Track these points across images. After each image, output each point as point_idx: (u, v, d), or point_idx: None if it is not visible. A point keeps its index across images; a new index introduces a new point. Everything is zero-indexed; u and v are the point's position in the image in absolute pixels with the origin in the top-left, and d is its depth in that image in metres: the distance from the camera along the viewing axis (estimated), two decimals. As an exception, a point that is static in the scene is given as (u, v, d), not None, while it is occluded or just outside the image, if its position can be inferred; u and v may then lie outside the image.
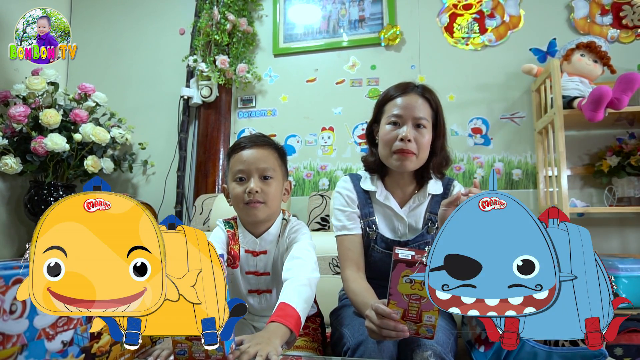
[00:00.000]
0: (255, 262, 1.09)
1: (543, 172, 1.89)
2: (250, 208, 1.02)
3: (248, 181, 1.02)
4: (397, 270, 0.76)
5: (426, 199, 1.12)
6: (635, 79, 1.55)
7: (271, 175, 1.04)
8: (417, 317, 0.79)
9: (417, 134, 1.04)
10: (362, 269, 1.10)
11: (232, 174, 1.05)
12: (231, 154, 1.08)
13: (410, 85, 1.10)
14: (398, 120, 1.05)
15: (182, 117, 2.35)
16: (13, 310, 0.57)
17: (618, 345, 1.46)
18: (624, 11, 1.94)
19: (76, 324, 0.68)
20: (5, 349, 0.55)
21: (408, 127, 1.04)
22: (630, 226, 1.84)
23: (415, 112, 1.04)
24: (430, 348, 0.85)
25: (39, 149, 1.87)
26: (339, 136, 2.20)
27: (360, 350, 0.88)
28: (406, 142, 1.03)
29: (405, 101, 1.06)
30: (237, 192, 1.03)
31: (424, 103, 1.07)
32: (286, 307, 0.86)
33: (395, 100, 1.08)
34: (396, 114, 1.05)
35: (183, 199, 2.30)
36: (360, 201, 1.14)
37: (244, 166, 1.03)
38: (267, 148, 1.06)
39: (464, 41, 2.11)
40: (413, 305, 0.78)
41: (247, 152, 1.04)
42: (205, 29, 2.27)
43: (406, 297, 0.77)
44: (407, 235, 1.12)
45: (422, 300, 0.77)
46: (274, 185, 1.04)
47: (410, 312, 0.78)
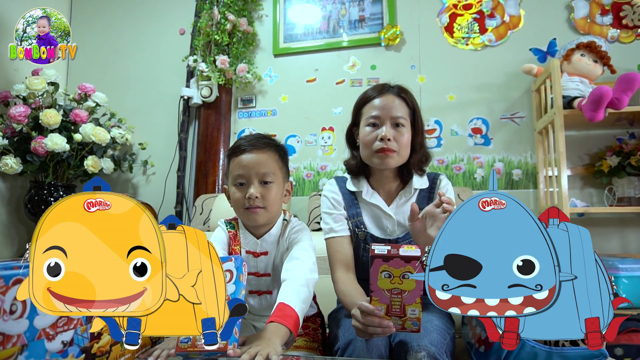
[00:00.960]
0: (256, 263, 1.09)
1: (543, 172, 1.89)
2: (251, 213, 1.02)
3: (248, 186, 1.01)
4: (375, 266, 0.77)
5: (413, 195, 1.13)
6: (635, 79, 1.55)
7: (271, 179, 1.03)
8: (401, 312, 0.79)
9: (396, 133, 1.06)
10: (351, 270, 1.10)
11: (232, 177, 1.05)
12: (231, 157, 1.07)
13: (386, 86, 1.12)
14: (376, 122, 1.07)
15: (182, 117, 2.35)
16: (13, 310, 0.57)
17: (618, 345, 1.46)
18: (624, 11, 1.94)
19: (76, 324, 0.68)
20: (5, 349, 0.55)
21: (387, 126, 1.06)
22: (630, 226, 1.84)
23: (392, 111, 1.07)
24: (424, 349, 0.85)
25: (39, 149, 1.87)
26: (339, 136, 2.20)
27: (350, 349, 0.89)
28: (386, 141, 1.05)
29: (382, 102, 1.08)
30: (237, 197, 1.03)
31: (400, 103, 1.09)
32: (285, 308, 0.86)
33: (372, 102, 1.10)
34: (374, 115, 1.07)
35: (183, 199, 2.30)
36: (347, 202, 1.15)
37: (243, 171, 1.02)
38: (268, 151, 1.05)
39: (464, 41, 2.11)
40: (395, 299, 0.79)
41: (247, 156, 1.03)
42: (205, 29, 2.27)
43: (387, 292, 0.78)
44: (396, 232, 1.12)
45: (403, 294, 0.78)
46: (274, 190, 1.04)
47: (394, 307, 0.79)
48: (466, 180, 2.02)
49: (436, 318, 1.00)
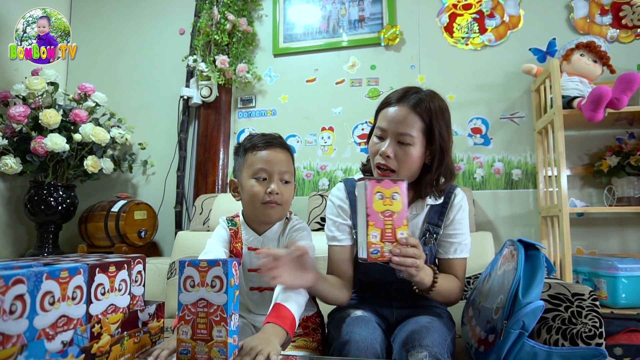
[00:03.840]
0: (258, 260, 1.09)
1: (543, 172, 1.89)
2: (267, 207, 1.04)
3: (269, 182, 1.04)
4: (370, 188, 0.85)
5: (424, 210, 1.09)
6: (634, 79, 1.55)
7: (289, 179, 1.07)
8: (393, 236, 0.86)
9: (399, 150, 1.00)
10: (346, 279, 1.09)
11: (251, 171, 1.05)
12: (250, 150, 1.07)
13: (408, 94, 1.03)
14: (382, 134, 1.03)
15: (182, 117, 2.34)
16: (13, 310, 0.57)
17: (618, 345, 1.47)
18: (623, 11, 1.94)
19: (76, 324, 0.68)
20: (5, 349, 0.55)
21: (389, 142, 1.00)
22: (630, 226, 1.84)
23: (399, 127, 0.99)
24: (426, 349, 0.85)
25: (39, 149, 1.87)
26: (339, 136, 2.20)
27: (347, 349, 0.89)
28: (384, 157, 1.00)
29: (394, 114, 1.01)
30: (256, 191, 1.04)
31: (413, 118, 0.99)
32: (281, 308, 0.87)
33: (386, 109, 1.04)
34: (382, 126, 1.03)
35: (183, 199, 2.30)
36: (353, 208, 1.11)
37: (267, 166, 1.04)
38: (286, 152, 1.09)
39: (463, 41, 2.11)
40: (387, 223, 0.85)
41: (270, 152, 1.05)
42: (205, 29, 2.27)
43: (381, 216, 0.85)
44: None
45: (393, 216, 0.85)
46: (290, 189, 1.08)
47: (386, 231, 0.85)
48: (466, 180, 2.02)
49: (437, 319, 1.00)
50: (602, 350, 0.85)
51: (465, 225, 1.10)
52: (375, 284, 1.15)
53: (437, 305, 1.15)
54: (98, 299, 0.73)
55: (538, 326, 0.99)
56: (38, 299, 0.61)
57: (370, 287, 1.16)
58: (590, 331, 0.94)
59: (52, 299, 0.63)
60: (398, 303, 1.14)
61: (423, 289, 0.98)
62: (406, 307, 1.13)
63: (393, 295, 1.14)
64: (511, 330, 0.85)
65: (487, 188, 2.01)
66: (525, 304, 0.84)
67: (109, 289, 0.76)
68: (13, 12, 2.12)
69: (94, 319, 0.72)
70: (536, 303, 0.85)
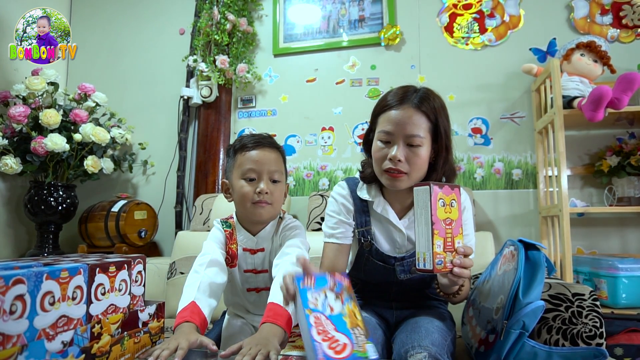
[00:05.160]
0: (254, 260, 1.10)
1: (543, 172, 1.89)
2: (258, 207, 1.04)
3: (258, 182, 1.04)
4: (434, 195, 0.81)
5: None
6: (635, 79, 1.55)
7: (279, 178, 1.07)
8: (452, 245, 0.83)
9: (409, 153, 0.96)
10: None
11: (240, 171, 1.05)
12: (239, 151, 1.07)
13: (408, 94, 0.99)
14: (389, 139, 0.97)
15: (182, 117, 2.34)
16: (13, 310, 0.57)
17: (618, 345, 1.46)
18: (623, 11, 1.94)
19: (76, 324, 0.68)
20: (5, 349, 0.55)
21: (398, 146, 0.95)
22: (630, 226, 1.84)
23: (407, 129, 0.95)
24: (425, 349, 0.85)
25: (39, 149, 1.87)
26: (339, 136, 2.20)
27: None
28: (396, 162, 0.95)
29: (399, 116, 0.96)
30: (245, 191, 1.04)
31: (420, 117, 0.96)
32: (276, 307, 0.87)
33: (389, 112, 0.98)
34: (387, 130, 0.97)
35: (183, 199, 2.30)
36: (357, 209, 1.09)
37: (255, 166, 1.04)
38: (276, 151, 1.08)
39: (464, 41, 2.10)
40: (448, 231, 0.83)
41: (259, 152, 1.05)
42: (205, 29, 2.27)
43: (443, 224, 0.82)
44: (406, 247, 1.07)
45: (452, 224, 0.83)
46: (280, 188, 1.08)
47: (447, 240, 0.82)
48: (466, 180, 2.02)
49: (437, 319, 1.00)
50: (603, 350, 0.85)
51: (470, 226, 1.08)
52: (375, 285, 1.15)
53: (437, 305, 1.15)
54: (98, 299, 0.73)
55: (538, 326, 0.98)
56: (38, 299, 0.61)
57: (371, 288, 1.16)
58: (591, 331, 0.94)
59: (52, 299, 0.63)
60: (398, 304, 1.14)
61: (450, 293, 0.97)
62: (406, 308, 1.13)
63: (393, 296, 1.14)
64: (511, 330, 0.85)
65: (487, 188, 2.01)
66: (525, 304, 0.84)
67: (109, 289, 0.76)
68: (13, 12, 2.12)
69: (94, 319, 0.72)
70: (536, 303, 0.84)
